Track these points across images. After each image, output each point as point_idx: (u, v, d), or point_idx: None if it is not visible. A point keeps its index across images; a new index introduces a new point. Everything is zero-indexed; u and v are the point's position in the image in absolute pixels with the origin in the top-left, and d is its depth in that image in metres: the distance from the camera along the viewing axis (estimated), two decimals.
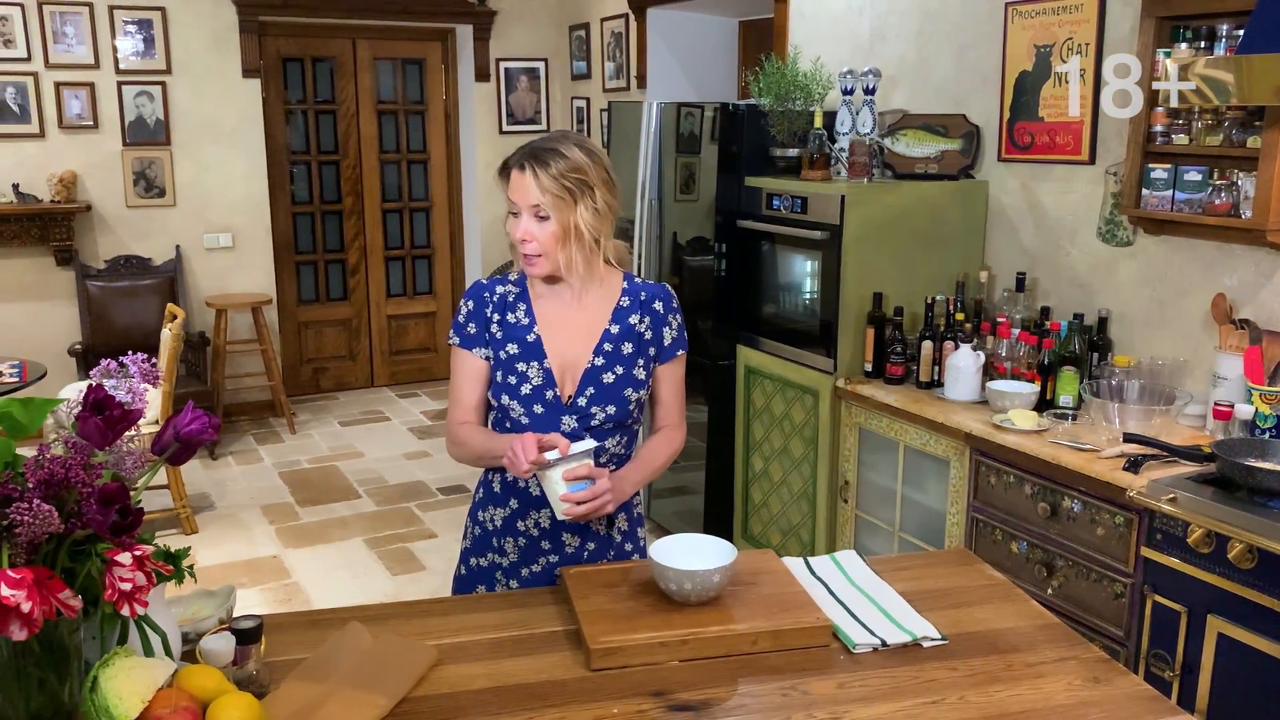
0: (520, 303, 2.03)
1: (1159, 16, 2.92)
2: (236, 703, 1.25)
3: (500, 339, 2.01)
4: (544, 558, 2.05)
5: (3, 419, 1.24)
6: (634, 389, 2.02)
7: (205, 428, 1.26)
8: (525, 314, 2.02)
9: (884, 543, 3.45)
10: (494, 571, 2.09)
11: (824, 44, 4.38)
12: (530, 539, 2.05)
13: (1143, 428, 2.73)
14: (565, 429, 1.98)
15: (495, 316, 2.03)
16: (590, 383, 2.00)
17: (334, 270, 7.12)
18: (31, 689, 1.22)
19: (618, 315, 2.05)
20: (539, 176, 1.90)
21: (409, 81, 7.11)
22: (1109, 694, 1.54)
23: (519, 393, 1.98)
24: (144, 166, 6.17)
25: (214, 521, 4.95)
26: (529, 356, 2.00)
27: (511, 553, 2.06)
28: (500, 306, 2.03)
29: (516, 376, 1.99)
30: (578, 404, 1.99)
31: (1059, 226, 3.44)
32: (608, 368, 2.01)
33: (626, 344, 2.03)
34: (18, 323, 5.96)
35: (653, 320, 2.07)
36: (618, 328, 2.04)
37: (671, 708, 1.50)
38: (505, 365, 2.00)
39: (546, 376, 1.99)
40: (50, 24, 5.84)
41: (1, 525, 1.13)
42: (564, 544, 2.04)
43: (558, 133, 2.02)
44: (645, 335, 2.05)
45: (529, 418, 1.99)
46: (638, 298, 2.07)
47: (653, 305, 2.07)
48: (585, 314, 2.04)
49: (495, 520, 2.07)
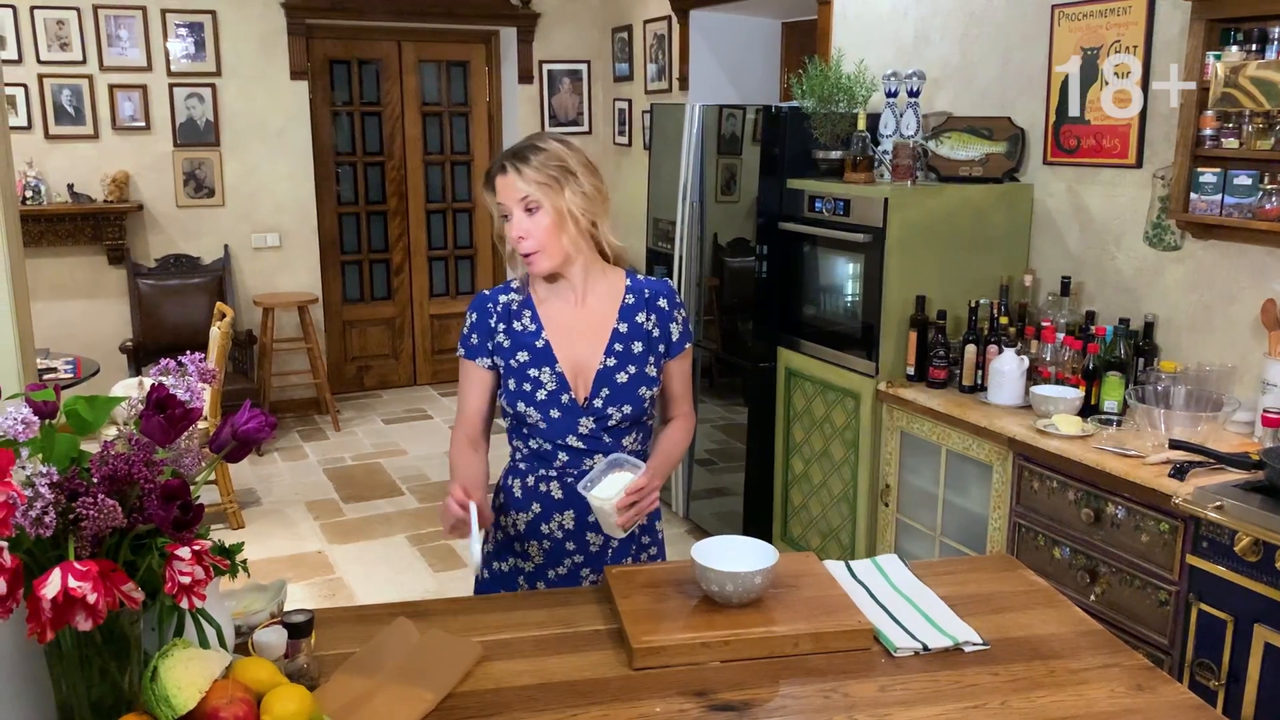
0: (525, 309, 2.05)
1: (1209, 19, 2.89)
2: (290, 694, 1.28)
3: (509, 348, 2.03)
4: (569, 559, 2.07)
5: (69, 416, 1.28)
6: (647, 387, 2.04)
7: (262, 426, 1.29)
8: (531, 319, 2.04)
9: (925, 547, 3.43)
10: (517, 575, 2.10)
11: (868, 46, 4.37)
12: (555, 541, 2.06)
13: (1189, 434, 2.70)
14: (583, 430, 2.00)
15: (501, 326, 2.04)
16: (604, 384, 2.01)
17: (378, 270, 7.20)
18: (94, 677, 1.26)
19: (624, 313, 2.06)
20: (522, 172, 1.94)
21: (453, 83, 7.18)
22: (1153, 702, 1.54)
23: (534, 399, 2.00)
24: (194, 167, 6.29)
25: (260, 517, 5.03)
26: (540, 362, 2.01)
27: (536, 556, 2.08)
28: (505, 316, 2.04)
29: (531, 383, 2.00)
30: (594, 405, 2.01)
31: (1105, 230, 3.41)
32: (620, 368, 2.02)
33: (636, 343, 2.05)
34: (71, 320, 6.09)
35: (659, 317, 2.07)
36: (626, 326, 2.05)
37: (713, 708, 1.51)
38: (518, 373, 2.01)
39: (560, 380, 2.00)
40: (105, 27, 5.97)
41: (68, 519, 1.16)
42: (589, 543, 2.06)
43: (533, 134, 2.07)
44: (653, 333, 2.07)
45: (546, 422, 2.01)
46: (642, 295, 2.08)
47: (657, 302, 2.08)
48: (591, 314, 2.05)
49: (518, 524, 2.09)
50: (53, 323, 5.92)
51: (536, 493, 2.06)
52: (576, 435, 2.01)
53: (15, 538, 1.14)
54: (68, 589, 1.09)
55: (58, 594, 1.09)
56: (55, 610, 1.10)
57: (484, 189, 2.01)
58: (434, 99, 7.14)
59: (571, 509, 2.05)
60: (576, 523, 2.05)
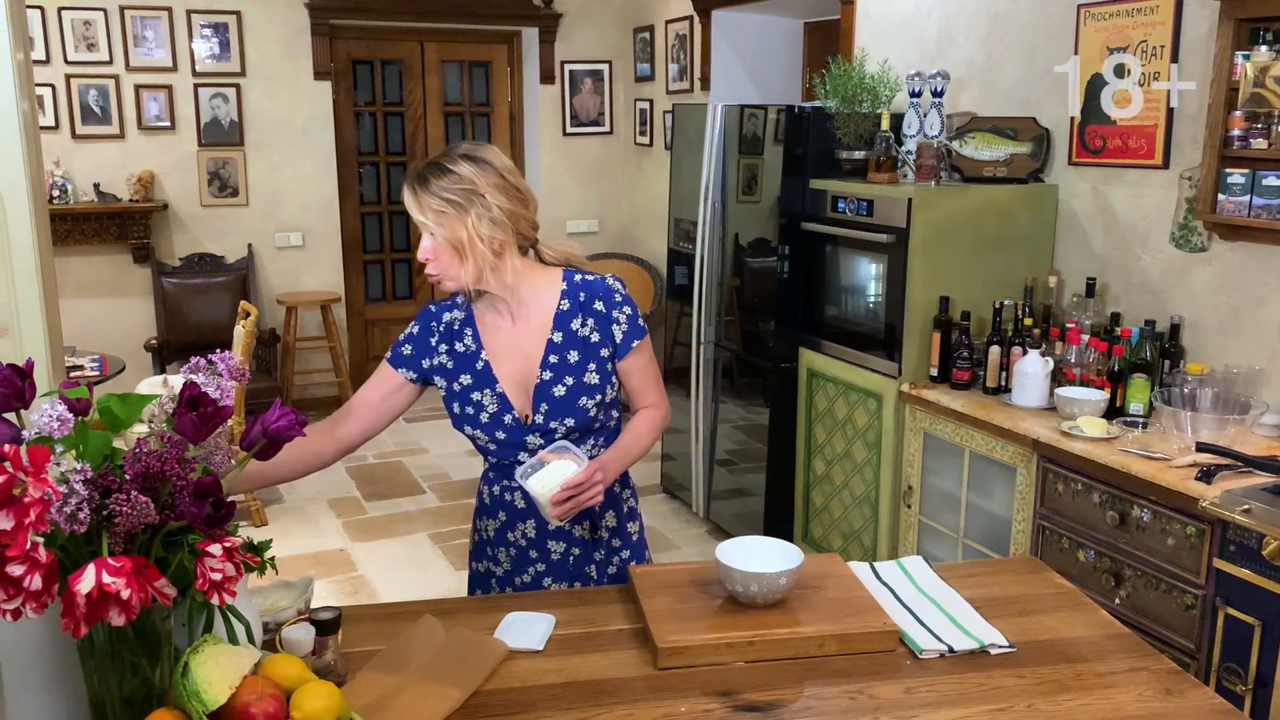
0: (466, 328, 2.00)
1: (1238, 18, 2.87)
2: (320, 691, 1.29)
3: (452, 369, 1.99)
4: (532, 567, 2.05)
5: (102, 413, 1.29)
6: (588, 396, 1.96)
7: (293, 424, 1.30)
8: (472, 339, 2.00)
9: (948, 549, 3.42)
10: (489, 579, 2.10)
11: (891, 46, 4.35)
12: (519, 549, 2.05)
13: (1215, 437, 2.68)
14: (531, 446, 1.96)
15: (443, 347, 2.00)
16: (543, 399, 1.95)
17: (400, 269, 7.23)
18: (126, 672, 1.27)
19: (558, 321, 1.98)
20: (419, 195, 1.85)
21: (475, 83, 7.20)
22: (1181, 706, 1.53)
23: (479, 422, 1.96)
24: (218, 167, 6.33)
25: (283, 514, 5.06)
26: (481, 384, 1.97)
27: (505, 562, 2.07)
28: (448, 335, 2.00)
29: (474, 406, 1.97)
30: (536, 422, 1.96)
31: (1131, 231, 3.39)
32: (557, 380, 1.95)
33: (572, 352, 1.96)
34: (97, 318, 6.14)
35: (597, 321, 1.98)
36: (560, 335, 1.97)
37: (738, 708, 1.51)
38: (461, 397, 1.97)
39: (501, 401, 1.96)
40: (131, 28, 6.02)
41: (102, 515, 1.18)
42: (550, 552, 2.04)
43: (450, 146, 1.93)
44: (591, 338, 1.97)
45: (495, 444, 1.98)
46: (576, 299, 1.98)
47: (593, 305, 1.98)
48: (527, 327, 1.98)
49: (489, 530, 2.09)
50: (79, 321, 5.98)
51: (502, 501, 2.05)
52: (527, 451, 1.96)
53: (50, 533, 1.15)
54: (102, 585, 1.10)
55: (92, 589, 1.10)
56: (89, 606, 1.11)
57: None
58: (456, 99, 7.16)
59: (533, 518, 2.03)
60: (538, 531, 2.04)
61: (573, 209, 7.21)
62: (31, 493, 1.08)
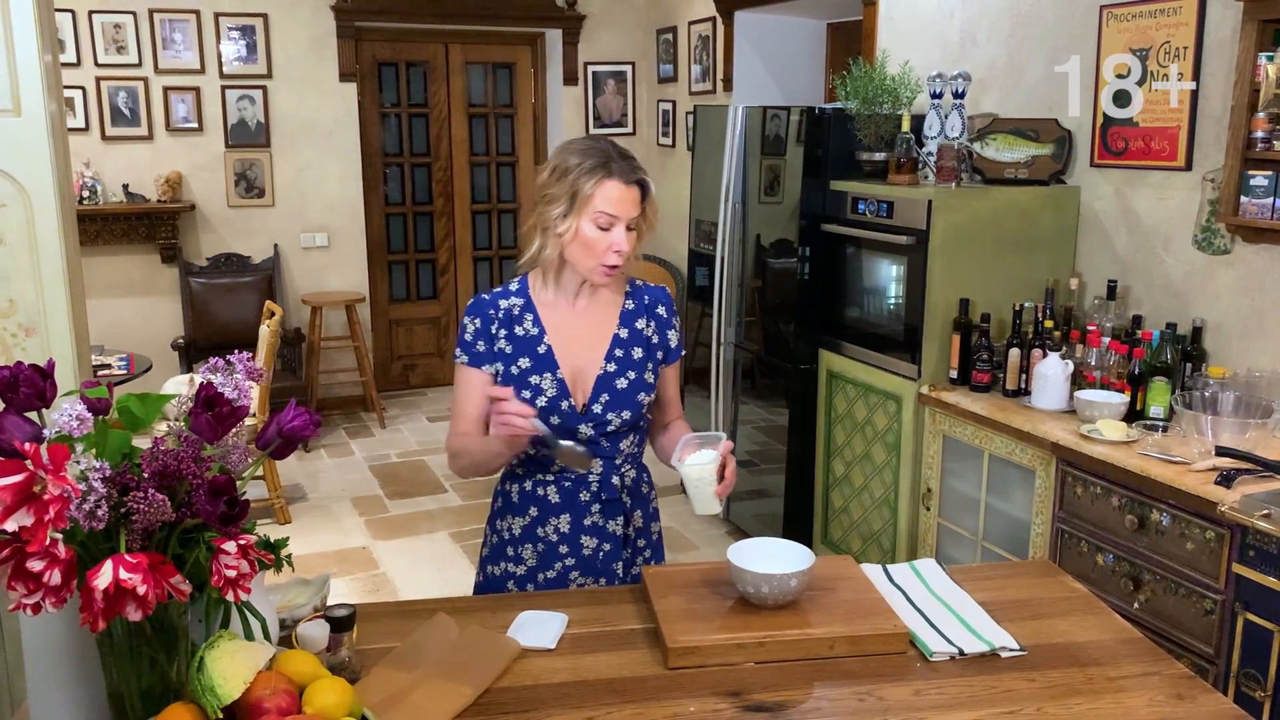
0: (526, 313, 2.03)
1: (1261, 19, 2.85)
2: (332, 687, 1.31)
3: (511, 354, 2.01)
4: (560, 562, 2.07)
5: (122, 413, 1.32)
6: (645, 393, 2.04)
7: (307, 424, 1.32)
8: (534, 324, 2.02)
9: (967, 551, 3.41)
10: (507, 580, 2.11)
11: (913, 47, 4.34)
12: (549, 544, 2.07)
13: (1236, 441, 2.66)
14: (582, 437, 1.99)
15: (502, 332, 2.02)
16: (604, 389, 2.01)
17: (424, 270, 7.28)
18: (143, 667, 1.29)
19: (624, 319, 2.06)
20: (648, 196, 1.97)
21: (499, 85, 7.24)
22: (1193, 712, 1.52)
23: (534, 405, 1.98)
24: (245, 168, 6.40)
25: (307, 512, 5.10)
26: (542, 368, 2.00)
27: (530, 559, 2.08)
28: (506, 321, 2.03)
29: (531, 390, 1.99)
30: (593, 411, 2.00)
31: (1153, 234, 3.37)
32: (620, 374, 2.02)
33: (636, 349, 2.05)
34: (125, 317, 6.22)
35: (658, 324, 2.09)
36: (626, 332, 2.05)
37: (747, 708, 1.52)
38: (518, 380, 2.00)
39: (560, 387, 1.99)
40: (160, 31, 6.10)
41: (120, 512, 1.20)
42: (581, 547, 2.06)
43: (610, 142, 1.99)
44: (652, 339, 2.08)
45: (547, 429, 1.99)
46: (641, 301, 2.09)
47: (656, 310, 2.10)
48: (591, 319, 2.05)
49: (514, 529, 2.09)
50: (108, 320, 6.06)
51: (534, 497, 2.06)
52: (574, 440, 1.99)
53: (69, 530, 1.18)
54: (119, 580, 1.13)
55: (109, 585, 1.12)
56: (107, 601, 1.14)
57: (587, 175, 1.91)
58: (480, 100, 7.20)
59: (568, 512, 2.05)
60: (572, 526, 2.05)
61: None
62: (51, 490, 1.11)
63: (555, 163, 1.97)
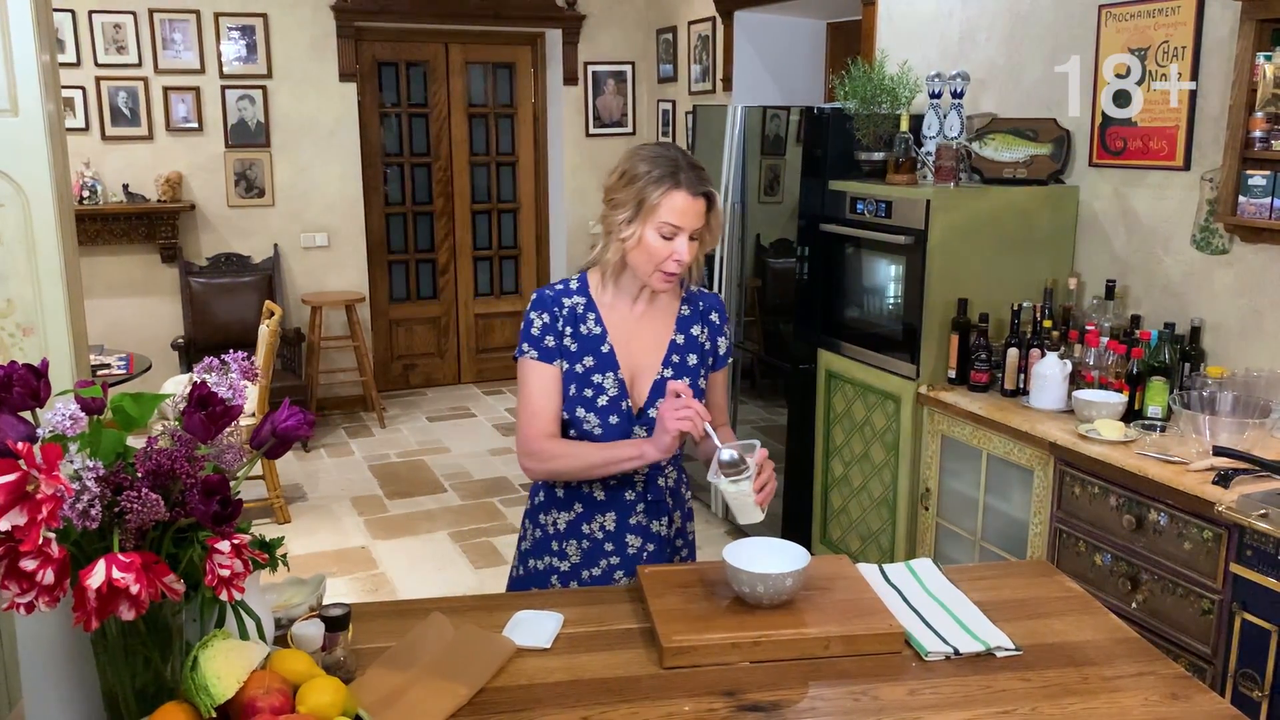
0: (589, 313, 2.05)
1: (1259, 19, 2.84)
2: (325, 686, 1.31)
3: (575, 352, 2.02)
4: (605, 559, 2.08)
5: (115, 412, 1.32)
6: (698, 397, 2.07)
7: (301, 424, 1.33)
8: (596, 323, 2.04)
9: (965, 551, 3.41)
10: (550, 575, 2.11)
11: (912, 47, 4.34)
12: (594, 541, 2.08)
13: (1234, 441, 2.66)
14: (634, 437, 2.02)
15: (567, 330, 2.03)
16: (660, 393, 2.02)
17: (424, 270, 7.28)
18: (137, 666, 1.30)
19: (681, 325, 2.09)
20: (714, 208, 1.97)
21: (499, 85, 7.24)
22: (1188, 711, 1.52)
23: (595, 405, 2.00)
24: (245, 168, 6.40)
25: (306, 512, 5.11)
26: (604, 368, 2.02)
27: (574, 555, 2.09)
28: (571, 319, 2.03)
29: (592, 389, 2.01)
30: (647, 414, 2.03)
31: (1152, 233, 3.36)
32: (675, 379, 2.04)
33: (691, 355, 2.09)
34: (125, 317, 6.23)
35: (710, 331, 2.12)
36: (682, 338, 2.08)
37: (742, 708, 1.52)
38: (581, 378, 2.01)
39: (621, 387, 2.02)
40: (160, 31, 6.10)
41: (113, 512, 1.20)
42: (627, 545, 2.08)
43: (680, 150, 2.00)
44: (705, 346, 2.11)
45: (603, 428, 2.01)
46: (696, 307, 2.12)
47: (710, 316, 2.13)
48: (650, 323, 2.07)
49: (558, 524, 2.10)
50: (108, 320, 6.07)
51: (579, 494, 2.08)
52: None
53: (63, 529, 1.18)
54: (112, 580, 1.13)
55: (102, 584, 1.12)
56: (100, 600, 1.14)
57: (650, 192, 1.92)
58: (480, 100, 7.20)
59: (613, 510, 2.07)
60: (617, 524, 2.07)
61: (595, 210, 7.16)
62: (44, 489, 1.11)
63: (625, 168, 1.98)
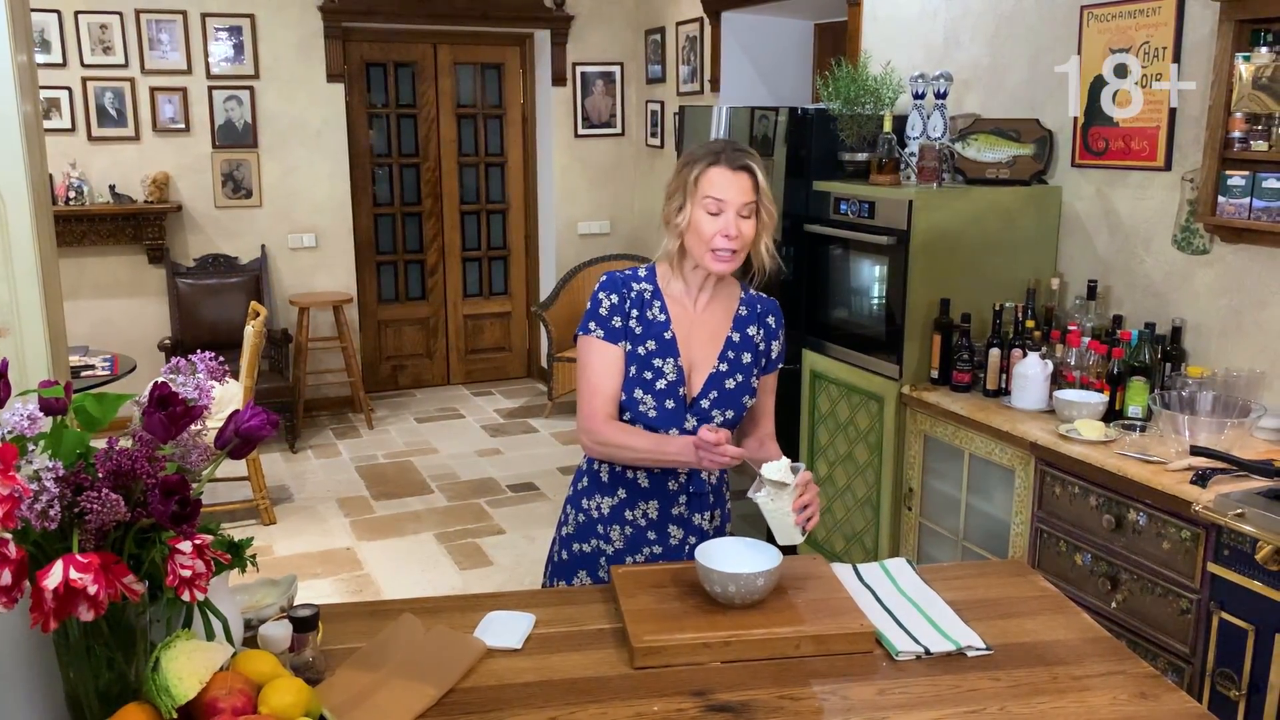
0: (655, 300, 2.10)
1: (1238, 20, 2.85)
2: (288, 687, 1.31)
3: (640, 335, 2.07)
4: (648, 548, 2.12)
5: (77, 412, 1.31)
6: (750, 396, 2.13)
7: (264, 424, 1.32)
8: (660, 311, 2.09)
9: (948, 551, 3.41)
10: (598, 558, 2.15)
11: (897, 48, 4.35)
12: (637, 529, 2.12)
13: (1213, 441, 2.66)
14: (687, 427, 2.05)
15: (634, 312, 2.08)
16: (714, 386, 2.08)
17: (413, 270, 7.27)
18: (100, 667, 1.29)
19: (738, 323, 2.14)
20: (758, 178, 2.00)
21: (488, 86, 7.23)
22: (1155, 710, 1.53)
23: (653, 387, 2.05)
24: (232, 168, 6.39)
25: (292, 513, 5.10)
26: (665, 353, 2.06)
27: (617, 540, 2.13)
28: (638, 303, 2.09)
29: (652, 372, 2.06)
30: (700, 405, 2.07)
31: (1133, 234, 3.37)
32: (730, 374, 2.09)
33: (745, 354, 2.13)
34: (112, 317, 6.21)
35: (766, 333, 2.17)
36: (738, 336, 2.13)
37: (711, 708, 1.52)
38: (643, 361, 2.06)
39: (680, 374, 2.07)
40: (147, 31, 6.09)
41: (73, 512, 1.20)
42: (669, 535, 2.11)
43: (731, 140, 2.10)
44: (760, 346, 2.15)
45: (657, 412, 2.05)
46: (754, 309, 2.17)
47: (767, 319, 2.18)
48: (709, 317, 2.12)
49: (602, 508, 2.14)
50: (95, 320, 6.06)
51: (624, 479, 2.12)
52: (680, 430, 2.06)
53: (22, 530, 1.18)
54: (69, 581, 1.12)
55: (59, 585, 1.12)
56: (58, 601, 1.13)
57: (691, 172, 2.00)
58: (469, 101, 7.20)
59: (656, 499, 2.10)
60: (660, 514, 2.11)
61: (585, 210, 7.23)
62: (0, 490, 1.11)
63: (679, 163, 2.08)
